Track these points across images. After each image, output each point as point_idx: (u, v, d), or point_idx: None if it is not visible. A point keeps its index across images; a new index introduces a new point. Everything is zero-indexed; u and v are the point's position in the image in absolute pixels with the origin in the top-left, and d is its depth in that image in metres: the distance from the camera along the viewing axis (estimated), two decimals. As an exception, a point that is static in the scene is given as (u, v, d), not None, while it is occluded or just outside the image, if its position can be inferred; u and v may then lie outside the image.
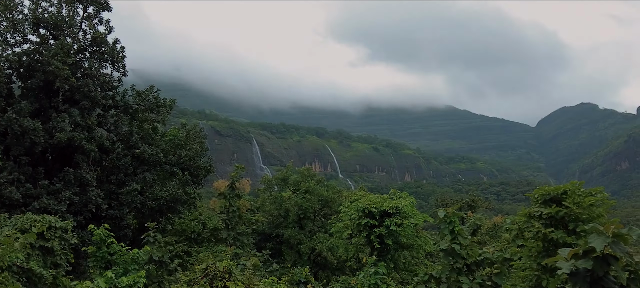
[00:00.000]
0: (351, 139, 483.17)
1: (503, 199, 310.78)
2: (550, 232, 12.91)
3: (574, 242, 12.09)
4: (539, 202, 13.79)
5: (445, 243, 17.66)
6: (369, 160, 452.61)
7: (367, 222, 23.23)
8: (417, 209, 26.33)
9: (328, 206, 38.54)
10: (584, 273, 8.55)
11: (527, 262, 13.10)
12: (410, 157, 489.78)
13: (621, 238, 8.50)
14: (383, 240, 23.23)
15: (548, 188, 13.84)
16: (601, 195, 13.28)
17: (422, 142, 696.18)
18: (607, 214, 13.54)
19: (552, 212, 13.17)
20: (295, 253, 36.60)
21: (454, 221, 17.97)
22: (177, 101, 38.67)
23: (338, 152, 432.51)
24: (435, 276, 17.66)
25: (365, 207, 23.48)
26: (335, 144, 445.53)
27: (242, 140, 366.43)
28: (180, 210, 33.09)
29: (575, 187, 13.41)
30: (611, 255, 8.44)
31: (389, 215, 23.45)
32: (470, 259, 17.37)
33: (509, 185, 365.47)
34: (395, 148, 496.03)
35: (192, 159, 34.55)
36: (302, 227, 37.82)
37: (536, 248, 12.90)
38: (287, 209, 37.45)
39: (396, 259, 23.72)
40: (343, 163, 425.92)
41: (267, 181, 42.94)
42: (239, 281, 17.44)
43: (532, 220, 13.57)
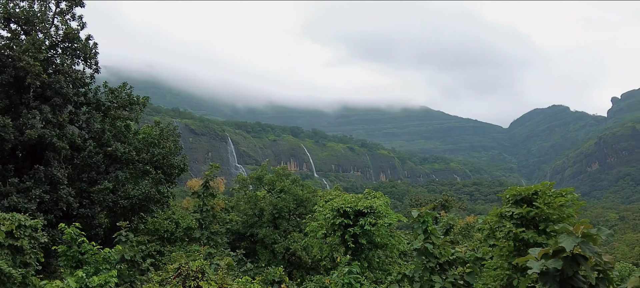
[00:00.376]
0: (327, 138, 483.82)
1: (476, 199, 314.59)
2: (521, 232, 13.09)
3: (544, 242, 12.28)
4: (511, 202, 13.97)
5: (419, 242, 17.80)
6: (345, 159, 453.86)
7: (341, 222, 23.27)
8: (391, 209, 26.45)
9: (303, 205, 38.49)
10: (553, 272, 8.68)
11: (498, 262, 13.26)
12: (386, 157, 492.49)
13: (590, 238, 8.64)
14: (357, 240, 23.29)
15: (519, 189, 14.03)
16: (571, 196, 13.50)
17: (397, 142, 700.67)
18: (577, 215, 13.76)
19: (523, 212, 13.36)
20: (270, 252, 36.47)
21: (427, 221, 18.12)
22: (150, 99, 38.23)
23: (314, 152, 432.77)
24: (408, 275, 17.78)
25: (340, 206, 23.52)
26: (311, 143, 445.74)
27: (217, 139, 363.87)
28: (153, 209, 32.70)
29: (546, 188, 13.62)
30: (580, 255, 8.58)
31: (364, 215, 23.53)
32: (442, 258, 17.53)
33: (481, 185, 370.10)
34: (371, 148, 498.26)
35: (166, 158, 34.17)
36: (276, 226, 37.72)
37: (507, 248, 13.06)
38: (262, 208, 37.31)
39: (370, 258, 23.80)
40: (319, 163, 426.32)
41: (241, 180, 42.69)
42: (212, 281, 17.31)
43: (503, 220, 13.74)
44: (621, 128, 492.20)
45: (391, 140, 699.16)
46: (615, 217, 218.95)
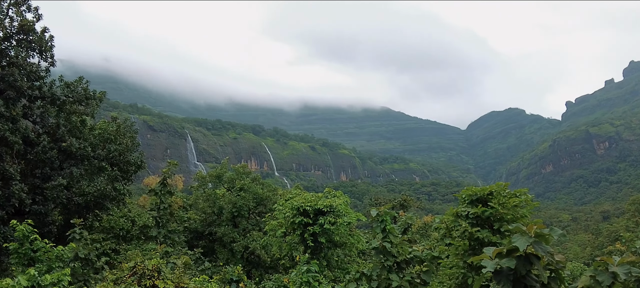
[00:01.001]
0: (288, 137, 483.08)
1: (434, 199, 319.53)
2: (477, 232, 13.33)
3: (498, 241, 12.53)
4: (466, 202, 14.21)
5: (377, 241, 17.95)
6: (306, 159, 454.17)
7: (301, 220, 23.27)
8: (351, 208, 26.60)
9: (263, 204, 38.32)
10: (507, 271, 8.86)
11: (454, 260, 13.49)
12: (346, 156, 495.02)
13: (543, 238, 8.86)
14: (317, 238, 23.33)
15: (475, 189, 14.29)
16: (525, 197, 13.83)
17: (358, 142, 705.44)
18: (530, 215, 14.09)
19: (479, 212, 13.61)
20: (228, 251, 36.16)
21: (386, 220, 18.30)
22: (108, 94, 37.37)
23: (275, 150, 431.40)
24: (366, 274, 17.92)
25: (300, 205, 23.52)
26: (272, 142, 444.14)
27: (176, 136, 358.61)
28: (108, 206, 31.99)
29: (501, 188, 13.92)
30: (533, 255, 8.78)
31: (323, 214, 23.59)
32: (400, 257, 17.73)
33: (439, 185, 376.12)
34: (332, 147, 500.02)
35: (122, 154, 33.46)
36: (236, 225, 37.42)
37: (463, 247, 13.30)
38: (221, 207, 36.96)
39: (329, 257, 23.88)
40: (279, 162, 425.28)
41: (200, 178, 42.17)
42: (169, 280, 17.04)
43: (459, 219, 13.97)
44: (575, 131, 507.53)
45: (352, 140, 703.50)
46: (568, 218, 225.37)
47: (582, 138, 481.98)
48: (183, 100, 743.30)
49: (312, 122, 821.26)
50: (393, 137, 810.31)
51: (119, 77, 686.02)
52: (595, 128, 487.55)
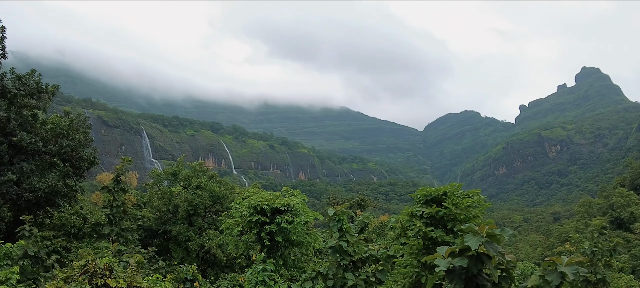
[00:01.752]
0: (247, 135, 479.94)
1: (391, 199, 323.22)
2: (430, 231, 13.55)
3: (451, 241, 12.76)
4: (421, 202, 14.43)
5: (333, 240, 18.04)
6: (265, 157, 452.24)
7: (258, 219, 23.14)
8: (309, 207, 26.61)
9: (220, 202, 37.92)
10: (459, 270, 9.02)
11: (408, 259, 13.67)
12: (305, 155, 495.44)
13: (494, 238, 9.05)
14: (273, 238, 23.25)
15: (429, 189, 14.52)
16: (477, 197, 14.13)
17: (317, 141, 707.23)
18: (483, 215, 14.40)
19: (433, 211, 13.83)
20: (183, 250, 35.66)
21: (343, 219, 18.38)
22: (61, 88, 36.31)
23: (233, 148, 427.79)
24: (322, 272, 17.96)
25: (257, 204, 23.38)
26: (231, 139, 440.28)
27: (132, 132, 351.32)
28: (59, 203, 31.08)
29: (455, 189, 14.18)
30: (485, 254, 8.96)
31: (281, 213, 23.52)
32: (356, 256, 17.85)
33: (396, 185, 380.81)
34: (291, 146, 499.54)
35: (75, 150, 32.56)
36: (191, 223, 36.93)
37: (417, 246, 13.48)
38: (177, 205, 36.40)
39: (286, 256, 23.84)
40: (238, 160, 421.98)
41: (156, 175, 41.39)
42: (121, 278, 16.69)
43: (414, 219, 14.17)
44: (527, 134, 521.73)
45: (311, 139, 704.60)
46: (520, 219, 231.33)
47: (535, 141, 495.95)
48: (139, 96, 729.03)
49: (272, 121, 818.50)
50: (352, 137, 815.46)
51: (74, 71, 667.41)
52: (547, 131, 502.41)
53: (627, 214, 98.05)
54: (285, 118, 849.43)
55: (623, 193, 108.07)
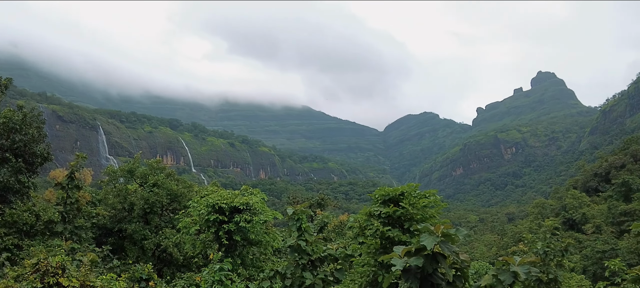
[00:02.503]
0: (207, 132, 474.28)
1: (351, 198, 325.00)
2: (388, 231, 13.63)
3: (408, 241, 12.85)
4: (379, 202, 14.50)
5: (292, 239, 17.98)
6: (225, 155, 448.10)
7: (216, 218, 22.87)
8: (269, 206, 26.47)
9: (177, 201, 37.32)
10: (415, 269, 9.09)
11: (366, 258, 13.72)
12: (266, 154, 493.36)
13: (449, 238, 9.16)
14: (232, 237, 23.02)
15: (387, 189, 14.61)
16: (434, 198, 14.30)
17: (278, 140, 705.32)
18: (439, 215, 14.58)
19: (390, 211, 13.92)
20: (139, 249, 34.94)
21: (302, 218, 18.35)
22: (15, 81, 35.19)
23: (192, 146, 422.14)
24: (280, 272, 17.89)
25: (216, 202, 23.11)
26: (190, 137, 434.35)
27: (87, 128, 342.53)
28: (11, 199, 30.08)
29: (412, 189, 14.31)
30: (440, 254, 9.06)
31: (239, 212, 23.30)
32: (314, 255, 17.84)
33: (356, 185, 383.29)
34: (252, 144, 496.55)
35: (28, 145, 31.56)
36: (147, 221, 36.23)
37: (374, 246, 13.55)
38: (132, 203, 35.64)
39: (244, 255, 23.63)
40: (197, 158, 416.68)
41: (111, 172, 40.42)
42: (74, 277, 16.26)
43: (372, 218, 14.23)
44: (484, 136, 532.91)
45: (272, 138, 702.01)
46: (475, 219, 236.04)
47: (491, 143, 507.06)
48: (96, 91, 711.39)
49: (232, 118, 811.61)
50: (313, 136, 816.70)
51: (28, 64, 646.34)
52: (503, 134, 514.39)
53: (579, 215, 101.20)
54: (246, 116, 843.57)
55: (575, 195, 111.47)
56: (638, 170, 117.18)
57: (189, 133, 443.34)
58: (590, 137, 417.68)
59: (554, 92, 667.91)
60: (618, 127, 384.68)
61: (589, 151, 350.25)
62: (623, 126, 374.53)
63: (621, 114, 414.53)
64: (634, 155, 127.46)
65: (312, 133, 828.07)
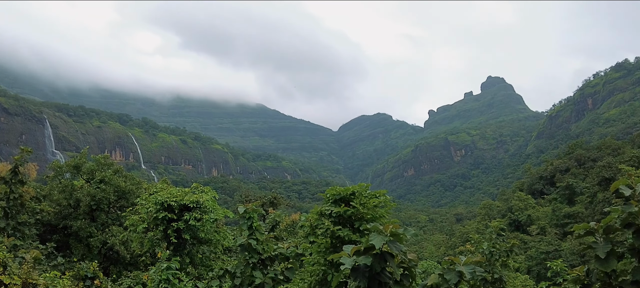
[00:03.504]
0: (158, 128, 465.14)
1: (304, 198, 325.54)
2: (338, 230, 13.69)
3: (358, 240, 12.94)
4: (330, 201, 14.56)
5: (243, 238, 17.86)
6: (176, 152, 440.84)
7: (165, 216, 22.46)
8: (221, 204, 26.18)
9: (125, 198, 36.42)
10: (363, 268, 9.16)
11: (316, 257, 13.75)
12: (219, 151, 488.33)
13: (397, 237, 9.26)
14: (181, 235, 22.66)
15: (339, 189, 14.68)
16: (384, 198, 14.45)
17: (232, 137, 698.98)
18: (389, 215, 14.76)
19: (341, 211, 13.99)
20: (85, 246, 33.95)
21: (253, 217, 18.24)
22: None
23: (142, 142, 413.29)
24: (230, 271, 17.72)
25: (164, 200, 22.67)
26: (140, 132, 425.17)
27: (33, 121, 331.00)
28: (-52, 194, 28.74)
29: (363, 189, 14.42)
30: (388, 253, 9.16)
31: (189, 210, 22.96)
32: (265, 254, 17.76)
33: (309, 184, 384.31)
34: (204, 142, 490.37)
35: (-34, 137, 30.26)
36: (94, 218, 35.23)
37: (325, 245, 13.59)
38: (78, 199, 34.58)
39: (193, 254, 23.29)
40: (147, 154, 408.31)
41: (57, 167, 39.10)
42: (15, 275, 15.75)
43: (323, 218, 14.27)
44: (435, 138, 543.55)
45: (226, 135, 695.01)
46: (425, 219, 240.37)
47: (442, 145, 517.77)
48: (43, 83, 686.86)
49: (185, 115, 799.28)
50: (267, 135, 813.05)
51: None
52: (453, 136, 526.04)
53: (524, 217, 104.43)
54: (199, 113, 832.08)
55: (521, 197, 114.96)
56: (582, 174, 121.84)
57: (140, 129, 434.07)
58: (536, 141, 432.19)
59: (502, 97, 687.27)
60: (563, 131, 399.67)
61: (535, 155, 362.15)
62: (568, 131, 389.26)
63: (567, 119, 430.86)
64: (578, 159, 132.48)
65: (267, 131, 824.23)
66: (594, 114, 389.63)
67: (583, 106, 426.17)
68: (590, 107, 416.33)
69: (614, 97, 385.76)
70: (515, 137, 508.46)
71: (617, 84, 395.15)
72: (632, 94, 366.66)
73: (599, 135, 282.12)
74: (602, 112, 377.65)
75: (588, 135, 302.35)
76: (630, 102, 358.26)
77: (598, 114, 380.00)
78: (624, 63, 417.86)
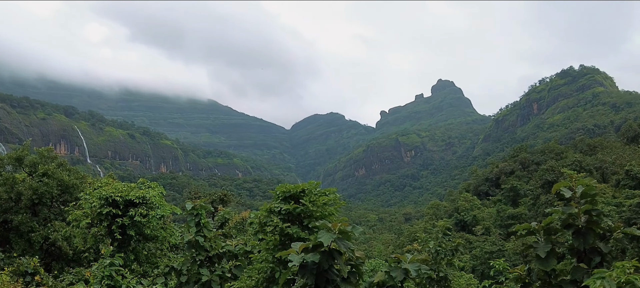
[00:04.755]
0: (105, 122, 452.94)
1: (255, 195, 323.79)
2: (287, 227, 13.67)
3: (306, 237, 12.95)
4: (280, 199, 14.53)
5: (190, 235, 17.58)
6: (124, 147, 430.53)
7: (109, 211, 21.86)
8: (170, 201, 25.72)
9: (69, 192, 35.26)
10: (311, 265, 9.16)
11: (264, 255, 13.68)
12: (168, 147, 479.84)
13: (346, 235, 9.30)
14: (125, 231, 22.12)
15: (289, 186, 14.66)
16: (333, 196, 14.52)
17: (182, 133, 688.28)
18: (339, 213, 14.84)
19: (290, 208, 13.98)
20: (26, 241, 32.72)
21: (201, 213, 17.98)
22: None
23: (89, 135, 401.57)
24: (176, 268, 17.42)
25: (109, 195, 22.07)
26: (86, 126, 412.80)
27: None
28: None
29: (313, 187, 14.46)
30: (336, 250, 9.19)
31: (135, 205, 22.43)
32: (213, 251, 17.54)
33: (261, 182, 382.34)
34: (153, 137, 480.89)
35: None
36: (35, 213, 33.99)
37: (273, 242, 13.54)
38: (20, 192, 33.28)
39: (138, 251, 22.77)
40: (93, 148, 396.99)
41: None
42: (-53, 272, 15.03)
43: (272, 215, 14.22)
44: (386, 139, 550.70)
45: (176, 131, 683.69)
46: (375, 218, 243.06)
47: (392, 145, 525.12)
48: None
49: (134, 109, 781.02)
50: (219, 131, 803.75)
51: None
52: (404, 137, 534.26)
53: (470, 217, 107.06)
54: (149, 107, 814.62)
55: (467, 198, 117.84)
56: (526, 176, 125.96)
57: (86, 122, 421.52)
58: (483, 144, 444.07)
59: (452, 100, 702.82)
60: (509, 135, 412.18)
61: (482, 157, 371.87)
62: (514, 135, 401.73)
63: (513, 123, 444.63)
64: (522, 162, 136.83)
65: (218, 128, 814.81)
66: (538, 119, 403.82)
67: (529, 111, 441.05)
68: (535, 112, 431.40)
69: (558, 103, 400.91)
70: (463, 139, 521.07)
71: (562, 90, 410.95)
72: (576, 100, 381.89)
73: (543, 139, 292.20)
74: (546, 117, 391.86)
75: (533, 139, 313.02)
76: (573, 108, 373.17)
77: (543, 119, 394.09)
78: (568, 70, 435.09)
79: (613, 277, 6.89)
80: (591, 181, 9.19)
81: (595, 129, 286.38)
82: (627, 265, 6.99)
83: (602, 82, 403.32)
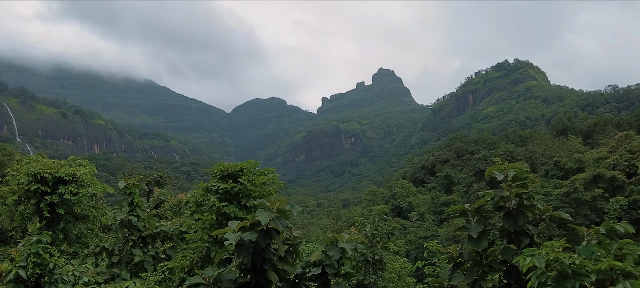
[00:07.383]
0: (36, 99, 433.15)
1: (193, 179, 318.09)
2: (224, 206, 13.47)
3: (244, 216, 12.80)
4: (218, 177, 14.29)
5: (123, 214, 17.08)
6: (55, 125, 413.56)
7: (37, 188, 20.87)
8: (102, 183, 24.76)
9: (-6, 169, 33.70)
10: (248, 244, 9.06)
11: (200, 234, 13.43)
12: (102, 127, 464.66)
13: (284, 214, 9.25)
14: (55, 210, 21.20)
15: (227, 165, 14.43)
16: (272, 175, 14.42)
17: (117, 113, 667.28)
18: (277, 193, 14.75)
19: (228, 187, 13.77)
20: (-56, 221, 31.00)
21: (134, 192, 17.47)
22: None
23: (18, 113, 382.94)
24: (107, 248, 16.91)
25: (38, 171, 21.06)
26: (16, 102, 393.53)
27: None
28: None
29: (251, 166, 14.29)
30: (274, 229, 9.12)
31: (65, 183, 21.51)
32: (146, 232, 17.12)
33: (199, 165, 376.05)
34: (86, 116, 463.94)
35: None
36: (-44, 190, 32.24)
37: (210, 221, 13.31)
38: (-62, 169, 31.49)
39: (68, 230, 21.89)
40: (23, 126, 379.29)
41: None
42: None
43: (209, 194, 13.97)
44: (327, 125, 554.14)
45: (111, 111, 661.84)
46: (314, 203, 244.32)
47: (333, 132, 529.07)
48: None
49: (67, 87, 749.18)
50: (156, 113, 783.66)
51: None
52: (344, 124, 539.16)
53: (405, 204, 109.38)
54: (82, 85, 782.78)
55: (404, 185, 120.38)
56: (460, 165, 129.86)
57: (15, 98, 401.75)
58: (420, 133, 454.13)
59: (391, 89, 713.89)
60: (445, 125, 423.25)
61: (419, 145, 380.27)
62: (450, 124, 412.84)
63: (449, 114, 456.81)
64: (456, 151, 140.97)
65: (155, 109, 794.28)
66: (473, 110, 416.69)
67: (464, 102, 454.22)
68: (470, 103, 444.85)
69: (492, 95, 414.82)
70: (401, 128, 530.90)
71: (496, 83, 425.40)
72: (509, 93, 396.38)
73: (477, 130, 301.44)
74: (481, 109, 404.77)
75: (467, 130, 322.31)
76: (507, 100, 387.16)
77: (477, 110, 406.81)
78: (503, 64, 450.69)
79: (542, 254, 7.13)
80: (523, 165, 9.50)
81: (527, 121, 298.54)
82: (556, 244, 7.24)
83: (535, 76, 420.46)
